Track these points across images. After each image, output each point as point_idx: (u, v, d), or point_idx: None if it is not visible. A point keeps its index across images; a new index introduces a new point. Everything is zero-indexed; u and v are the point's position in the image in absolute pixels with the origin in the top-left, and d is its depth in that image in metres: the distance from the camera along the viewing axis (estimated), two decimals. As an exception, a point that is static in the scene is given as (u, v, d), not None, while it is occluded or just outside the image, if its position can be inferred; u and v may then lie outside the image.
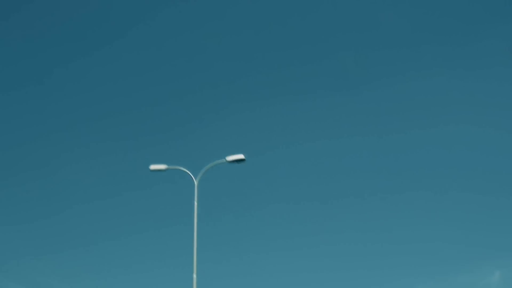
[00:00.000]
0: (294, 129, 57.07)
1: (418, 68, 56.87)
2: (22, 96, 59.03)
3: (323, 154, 54.59)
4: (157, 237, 49.58)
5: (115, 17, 59.97)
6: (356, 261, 46.96)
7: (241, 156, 28.25)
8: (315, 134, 55.74)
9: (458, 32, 57.62)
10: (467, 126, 53.71)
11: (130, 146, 54.72)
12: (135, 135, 57.18)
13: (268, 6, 59.89)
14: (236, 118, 57.06)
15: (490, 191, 50.30)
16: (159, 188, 51.00)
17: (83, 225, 50.89)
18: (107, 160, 54.80)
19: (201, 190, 27.81)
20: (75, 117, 57.48)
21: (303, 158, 54.71)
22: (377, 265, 46.54)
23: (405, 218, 50.12)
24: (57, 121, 58.23)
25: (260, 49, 59.62)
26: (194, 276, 26.11)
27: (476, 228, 48.50)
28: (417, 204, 50.52)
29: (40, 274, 46.57)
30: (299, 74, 58.12)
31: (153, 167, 28.78)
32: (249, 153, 26.74)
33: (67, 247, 49.15)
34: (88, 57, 58.71)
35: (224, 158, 28.42)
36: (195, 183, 28.07)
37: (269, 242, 49.57)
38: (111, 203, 51.58)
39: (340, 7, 59.29)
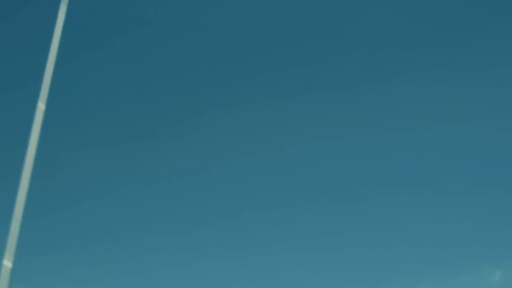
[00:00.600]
0: (291, 130, 49.66)
1: (418, 69, 50.88)
2: (23, 95, 48.80)
3: (322, 155, 47.88)
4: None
5: (112, 18, 49.94)
6: (356, 262, 39.87)
7: None
8: (312, 135, 49.10)
9: (459, 33, 52.13)
10: (468, 127, 48.51)
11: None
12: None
13: (268, 6, 51.92)
14: (233, 119, 48.86)
15: (491, 191, 45.23)
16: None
17: (87, 224, 41.00)
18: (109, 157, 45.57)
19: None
20: (76, 116, 47.58)
21: (300, 160, 47.78)
22: (377, 265, 40.36)
23: (405, 218, 43.94)
24: (57, 120, 47.71)
25: (260, 49, 51.38)
26: (40, 104, 12.79)
27: (477, 228, 43.52)
28: (417, 204, 44.49)
29: (41, 273, 36.94)
30: (297, 75, 50.71)
31: None
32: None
33: (70, 246, 39.55)
34: (89, 54, 48.71)
35: None
36: None
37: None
38: (115, 201, 42.30)
39: (340, 7, 52.07)
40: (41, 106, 12.20)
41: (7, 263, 9.76)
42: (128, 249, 41.48)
